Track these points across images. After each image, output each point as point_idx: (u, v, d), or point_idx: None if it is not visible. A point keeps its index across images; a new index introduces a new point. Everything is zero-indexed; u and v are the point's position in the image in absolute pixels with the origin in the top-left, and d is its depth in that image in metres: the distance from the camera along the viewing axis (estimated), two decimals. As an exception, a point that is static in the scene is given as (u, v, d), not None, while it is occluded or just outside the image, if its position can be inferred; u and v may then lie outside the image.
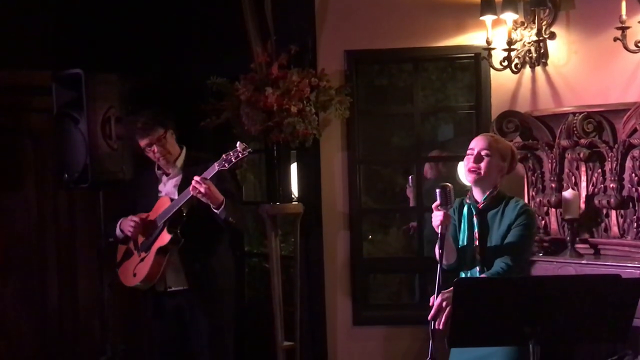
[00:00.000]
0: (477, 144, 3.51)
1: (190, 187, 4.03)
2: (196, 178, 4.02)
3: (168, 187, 4.36)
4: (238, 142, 4.00)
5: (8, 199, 5.32)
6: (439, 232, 3.29)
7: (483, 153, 3.47)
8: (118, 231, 4.38)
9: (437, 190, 3.33)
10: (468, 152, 3.52)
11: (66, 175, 4.86)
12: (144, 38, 5.49)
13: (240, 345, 4.33)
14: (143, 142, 4.29)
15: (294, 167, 5.43)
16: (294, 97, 4.88)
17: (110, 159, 4.81)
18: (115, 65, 4.98)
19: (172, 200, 4.24)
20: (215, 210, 4.09)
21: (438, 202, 3.32)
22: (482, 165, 3.46)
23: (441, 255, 3.28)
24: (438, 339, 3.04)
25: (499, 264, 3.36)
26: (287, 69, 4.97)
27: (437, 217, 3.30)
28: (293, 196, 5.33)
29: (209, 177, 4.04)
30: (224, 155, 4.01)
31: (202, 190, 4.00)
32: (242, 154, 3.97)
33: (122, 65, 5.00)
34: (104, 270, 4.92)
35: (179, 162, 4.38)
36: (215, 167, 4.02)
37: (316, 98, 4.96)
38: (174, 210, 4.15)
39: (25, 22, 5.35)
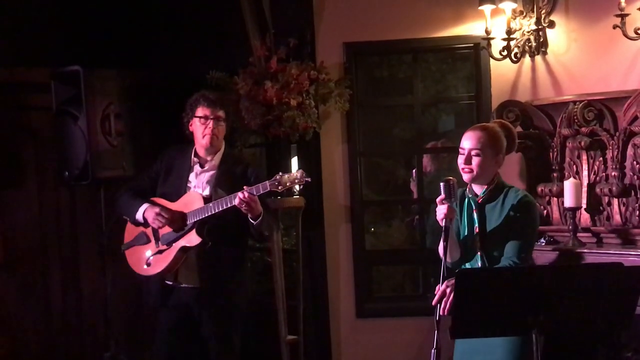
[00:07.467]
0: (466, 143, 3.45)
1: (237, 200, 3.87)
2: (245, 193, 3.86)
3: (200, 181, 4.18)
4: (301, 170, 3.88)
5: (9, 196, 5.32)
6: (443, 225, 3.28)
7: (473, 153, 3.42)
8: (139, 216, 4.16)
9: (441, 184, 3.33)
10: (460, 150, 3.47)
11: (67, 173, 4.86)
12: (142, 33, 5.48)
13: (244, 339, 4.31)
14: (205, 111, 4.13)
15: (294, 161, 5.42)
16: (293, 90, 4.87)
17: (111, 156, 4.81)
18: (114, 61, 4.97)
19: (204, 198, 4.06)
20: (252, 221, 3.98)
21: (442, 195, 3.31)
22: (474, 165, 3.42)
23: (445, 248, 3.27)
24: (443, 329, 3.04)
25: (506, 262, 3.35)
26: (286, 63, 4.96)
27: (441, 210, 3.30)
28: (294, 190, 5.31)
29: (256, 194, 3.89)
30: (276, 176, 3.87)
31: (249, 204, 3.88)
32: (300, 182, 3.87)
33: (120, 61, 5.00)
34: (106, 267, 4.92)
35: (218, 156, 4.22)
36: (267, 187, 3.88)
37: (315, 91, 4.95)
38: (210, 214, 3.99)
39: (23, 19, 5.34)
